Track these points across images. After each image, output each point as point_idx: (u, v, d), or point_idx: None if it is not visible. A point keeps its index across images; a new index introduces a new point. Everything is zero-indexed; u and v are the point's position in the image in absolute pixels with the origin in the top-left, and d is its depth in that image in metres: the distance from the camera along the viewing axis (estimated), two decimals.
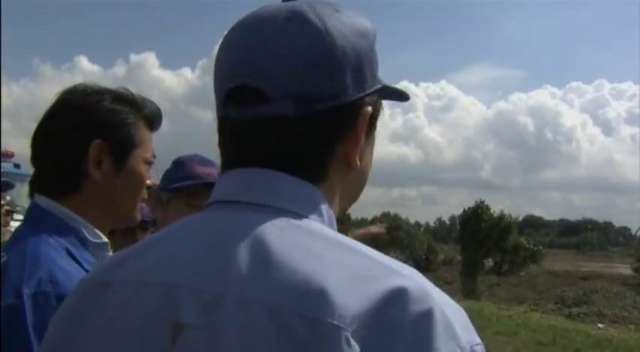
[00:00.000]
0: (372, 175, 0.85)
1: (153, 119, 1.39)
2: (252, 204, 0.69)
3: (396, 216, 61.39)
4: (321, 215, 0.71)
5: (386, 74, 0.80)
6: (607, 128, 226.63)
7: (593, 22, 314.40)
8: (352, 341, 0.57)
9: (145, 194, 1.38)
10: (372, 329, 0.58)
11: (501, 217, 32.44)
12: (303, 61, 0.69)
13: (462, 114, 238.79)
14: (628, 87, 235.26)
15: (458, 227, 36.96)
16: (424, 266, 53.67)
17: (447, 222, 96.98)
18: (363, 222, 59.00)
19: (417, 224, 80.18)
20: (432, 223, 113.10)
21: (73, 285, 1.08)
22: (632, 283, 36.10)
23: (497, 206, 43.67)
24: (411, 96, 0.89)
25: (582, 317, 20.70)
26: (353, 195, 0.83)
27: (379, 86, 0.78)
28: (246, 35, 0.73)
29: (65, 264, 1.16)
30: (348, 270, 0.62)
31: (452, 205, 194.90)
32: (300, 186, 0.71)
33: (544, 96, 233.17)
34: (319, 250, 0.64)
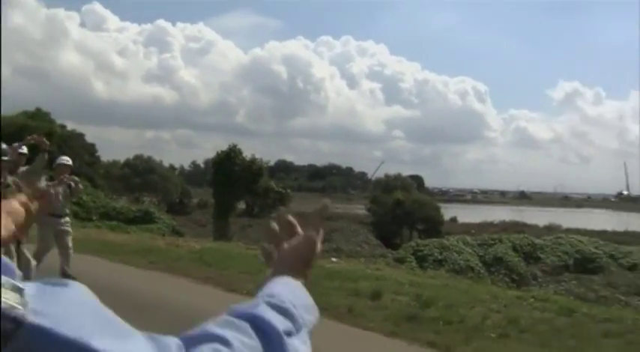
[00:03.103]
0: (123, 116, 0.67)
1: None
2: None
3: (149, 158, 59.80)
4: None
5: (140, 11, 0.63)
6: (351, 81, 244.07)
7: None
8: None
9: None
10: None
11: (253, 161, 33.42)
12: None
13: (219, 58, 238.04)
14: (370, 45, 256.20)
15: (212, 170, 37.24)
16: (179, 209, 53.60)
17: (202, 166, 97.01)
18: (115, 164, 56.43)
19: (172, 167, 79.42)
20: (186, 167, 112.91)
21: None
22: (366, 222, 40.44)
23: (251, 151, 45.05)
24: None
25: (324, 253, 22.52)
26: None
27: None
28: None
29: None
30: None
31: (207, 149, 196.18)
32: None
33: (297, 46, 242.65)
34: None
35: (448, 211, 51.96)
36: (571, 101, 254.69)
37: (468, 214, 61.56)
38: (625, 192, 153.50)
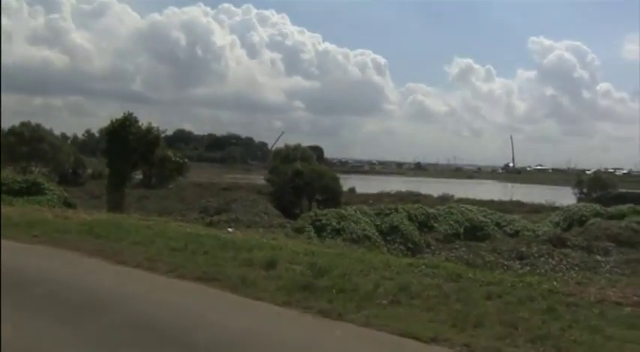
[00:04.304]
0: (6, 79, 0.50)
1: None
2: None
3: (38, 126, 56.40)
4: None
5: None
6: (252, 51, 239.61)
7: None
8: None
9: None
10: None
11: (149, 130, 32.24)
12: None
13: (114, 22, 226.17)
14: (271, 14, 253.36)
15: None
16: (72, 180, 51.17)
17: (97, 135, 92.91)
18: None
19: (64, 136, 75.73)
20: (80, 135, 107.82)
21: None
22: (265, 192, 40.31)
23: (149, 119, 42.90)
24: None
25: (222, 223, 22.23)
26: None
27: None
28: None
29: None
30: None
31: (102, 117, 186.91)
32: None
33: (197, 13, 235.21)
34: None
35: (347, 182, 52.86)
36: (465, 77, 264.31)
37: (366, 185, 63.07)
38: (511, 165, 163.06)
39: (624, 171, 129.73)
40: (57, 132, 65.20)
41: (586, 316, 7.11)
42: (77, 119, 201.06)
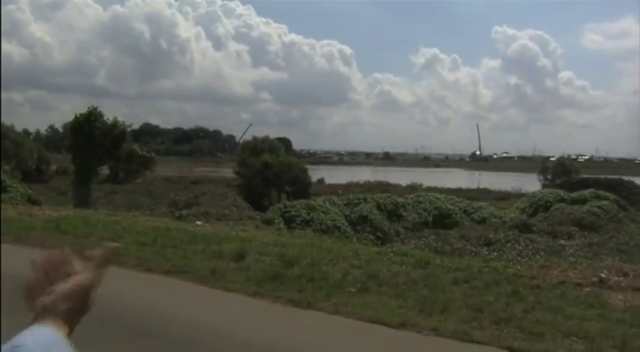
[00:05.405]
0: None
1: None
2: None
3: None
4: None
5: None
6: (217, 43, 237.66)
7: None
8: None
9: None
10: None
11: (115, 124, 31.80)
12: None
13: (75, 14, 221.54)
14: (236, 5, 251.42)
15: None
16: (36, 177, 50.12)
17: (60, 130, 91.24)
18: None
19: (26, 131, 74.16)
20: (43, 131, 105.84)
21: None
22: (234, 184, 40.12)
23: (114, 114, 41.94)
24: None
25: (191, 217, 22.07)
26: None
27: None
28: None
29: None
30: None
31: (65, 112, 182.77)
32: None
33: (161, 4, 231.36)
34: None
35: (316, 173, 52.86)
36: (431, 67, 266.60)
37: (334, 175, 63.11)
38: (478, 153, 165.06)
39: (586, 157, 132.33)
40: (18, 127, 63.69)
41: (548, 297, 7.32)
42: (39, 114, 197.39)
